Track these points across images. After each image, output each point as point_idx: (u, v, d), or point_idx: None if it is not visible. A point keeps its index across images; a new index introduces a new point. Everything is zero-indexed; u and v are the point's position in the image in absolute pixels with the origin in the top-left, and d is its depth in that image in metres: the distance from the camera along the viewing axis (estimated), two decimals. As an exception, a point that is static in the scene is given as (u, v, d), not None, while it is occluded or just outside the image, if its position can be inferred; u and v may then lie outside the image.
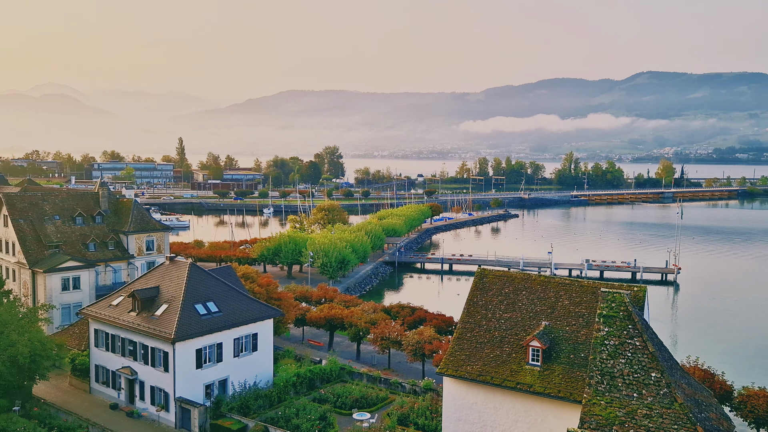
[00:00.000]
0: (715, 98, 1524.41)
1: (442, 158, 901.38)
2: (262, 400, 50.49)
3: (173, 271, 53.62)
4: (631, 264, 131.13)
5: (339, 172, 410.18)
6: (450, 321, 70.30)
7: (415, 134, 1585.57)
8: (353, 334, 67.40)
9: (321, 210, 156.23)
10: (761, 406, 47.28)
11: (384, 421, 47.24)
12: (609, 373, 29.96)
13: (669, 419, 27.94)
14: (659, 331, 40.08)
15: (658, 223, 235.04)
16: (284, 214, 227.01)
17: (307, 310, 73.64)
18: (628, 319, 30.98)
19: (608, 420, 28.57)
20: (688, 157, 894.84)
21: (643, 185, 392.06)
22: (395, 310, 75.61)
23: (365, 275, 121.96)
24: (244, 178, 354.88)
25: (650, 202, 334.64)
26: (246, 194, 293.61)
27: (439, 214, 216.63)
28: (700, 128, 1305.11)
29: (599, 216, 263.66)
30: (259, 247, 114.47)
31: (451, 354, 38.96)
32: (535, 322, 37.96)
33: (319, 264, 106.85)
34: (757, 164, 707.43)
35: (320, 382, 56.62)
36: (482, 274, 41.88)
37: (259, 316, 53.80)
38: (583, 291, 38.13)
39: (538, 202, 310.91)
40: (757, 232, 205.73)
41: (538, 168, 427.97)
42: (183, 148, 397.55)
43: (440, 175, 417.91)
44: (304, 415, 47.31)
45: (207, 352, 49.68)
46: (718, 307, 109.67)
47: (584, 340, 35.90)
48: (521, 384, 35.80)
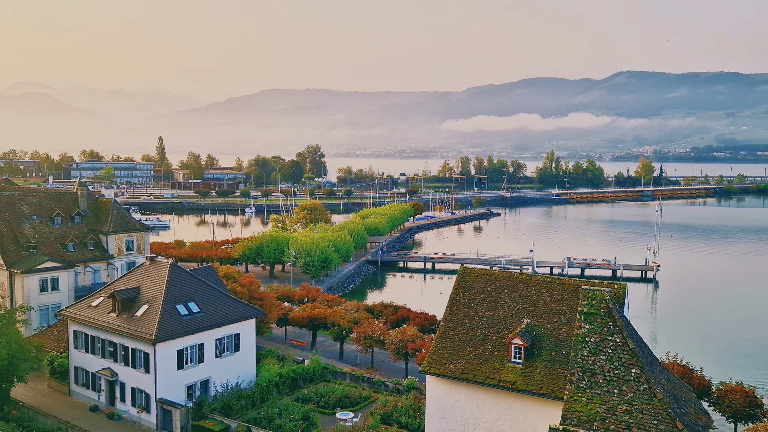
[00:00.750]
0: (693, 97, 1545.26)
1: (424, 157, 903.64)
2: (244, 400, 50.23)
3: (154, 272, 53.12)
4: (611, 262, 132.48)
5: (321, 171, 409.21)
6: (433, 319, 70.47)
7: (397, 133, 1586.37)
8: (336, 333, 67.29)
9: (303, 209, 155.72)
10: (738, 401, 48.02)
11: (367, 420, 47.24)
12: (590, 369, 30.23)
13: (649, 415, 28.26)
14: (639, 327, 40.55)
15: (637, 221, 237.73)
16: (266, 213, 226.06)
17: (290, 310, 73.38)
18: (609, 316, 31.27)
19: (589, 416, 28.83)
20: (666, 156, 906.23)
21: (623, 184, 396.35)
22: (378, 309, 75.59)
23: (348, 274, 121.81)
24: (225, 178, 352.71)
25: (630, 200, 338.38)
26: (227, 194, 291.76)
27: (422, 213, 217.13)
28: (678, 127, 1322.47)
29: (580, 214, 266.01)
30: (241, 246, 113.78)
31: (434, 352, 39.07)
32: (517, 320, 38.19)
33: (301, 263, 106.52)
34: (733, 162, 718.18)
35: (303, 381, 56.45)
36: (465, 273, 42.04)
37: (241, 316, 53.49)
38: (565, 289, 38.43)
39: (520, 200, 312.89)
40: (734, 230, 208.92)
41: (519, 167, 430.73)
42: (163, 147, 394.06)
43: (423, 174, 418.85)
44: (287, 415, 47.14)
45: (188, 352, 49.29)
46: (697, 303, 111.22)
47: (565, 338, 36.19)
48: (503, 381, 36.00)
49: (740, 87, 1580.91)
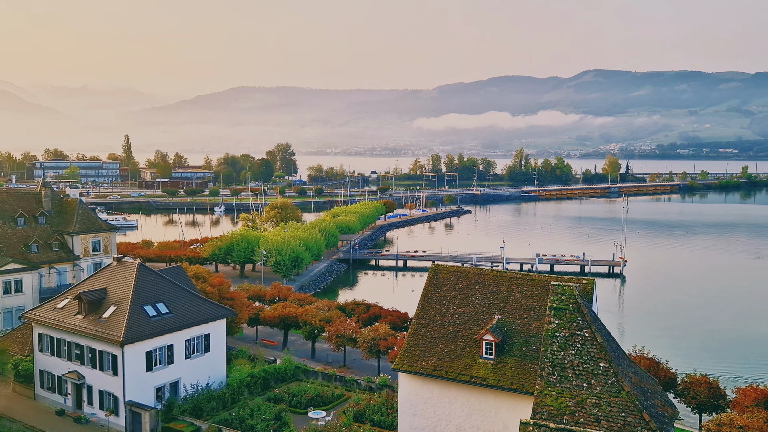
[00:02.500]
0: (658, 96, 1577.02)
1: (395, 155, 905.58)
2: (215, 401, 49.71)
3: (121, 272, 52.24)
4: (579, 257, 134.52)
5: (292, 169, 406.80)
6: (405, 317, 70.67)
7: (368, 131, 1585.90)
8: (308, 332, 67.03)
9: (274, 208, 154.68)
10: (703, 392, 49.22)
11: (340, 419, 47.18)
12: (559, 364, 30.63)
13: (617, 407, 28.76)
14: (607, 321, 41.23)
15: (605, 217, 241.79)
16: (236, 212, 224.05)
17: (261, 310, 72.86)
18: (578, 311, 31.71)
19: (559, 410, 29.22)
20: (632, 153, 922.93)
21: (591, 181, 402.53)
22: (350, 308, 75.55)
23: (319, 273, 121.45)
24: (194, 176, 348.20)
25: (597, 197, 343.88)
26: (196, 193, 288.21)
27: (393, 211, 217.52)
28: (644, 125, 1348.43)
29: (549, 211, 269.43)
30: (211, 246, 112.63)
31: (406, 350, 39.17)
32: (488, 316, 38.51)
33: (272, 262, 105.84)
34: (696, 159, 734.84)
35: (275, 381, 56.11)
36: (436, 270, 42.22)
37: (211, 317, 52.94)
38: (535, 285, 38.88)
39: (490, 197, 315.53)
40: (697, 225, 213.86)
41: (489, 164, 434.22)
42: (130, 145, 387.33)
43: (394, 172, 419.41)
44: (259, 416, 46.80)
45: (157, 354, 48.61)
46: (663, 297, 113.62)
47: (536, 333, 36.62)
48: (475, 377, 36.28)
49: (703, 86, 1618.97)
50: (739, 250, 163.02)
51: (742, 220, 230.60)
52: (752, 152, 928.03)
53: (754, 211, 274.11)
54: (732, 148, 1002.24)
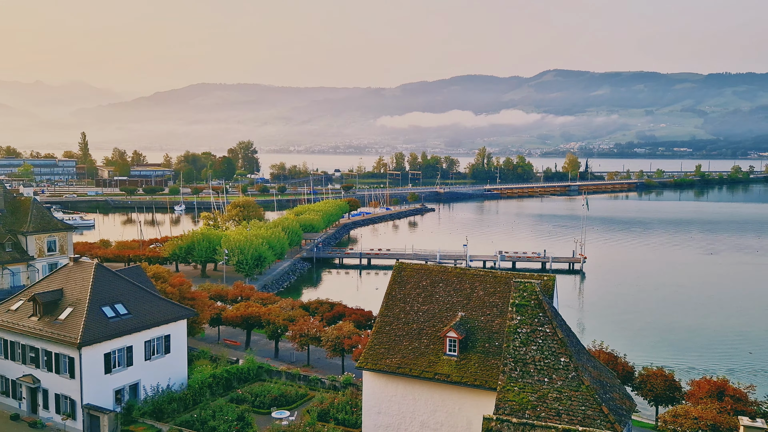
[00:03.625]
0: (616, 96, 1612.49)
1: (359, 153, 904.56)
2: (176, 403, 48.92)
3: (78, 273, 50.95)
4: (540, 254, 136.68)
5: (254, 167, 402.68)
6: (369, 315, 70.73)
7: (331, 129, 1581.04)
8: (271, 331, 66.48)
9: (235, 206, 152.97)
10: (659, 385, 50.55)
11: (304, 418, 46.93)
12: (522, 359, 31.06)
13: (577, 401, 29.32)
14: (567, 317, 42.02)
15: (565, 215, 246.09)
16: (197, 211, 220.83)
17: (223, 309, 71.98)
18: (539, 307, 32.20)
19: (521, 405, 29.63)
20: (591, 152, 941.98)
21: (552, 179, 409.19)
22: (314, 307, 75.25)
23: (283, 272, 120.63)
24: (153, 175, 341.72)
25: (558, 194, 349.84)
26: (155, 191, 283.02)
27: (357, 209, 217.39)
28: (603, 124, 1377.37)
29: (511, 209, 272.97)
30: (171, 245, 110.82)
31: (370, 348, 39.19)
32: (451, 314, 38.80)
33: (234, 262, 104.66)
34: (653, 158, 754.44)
35: (237, 382, 55.51)
36: (400, 268, 42.34)
37: (172, 317, 52.08)
38: (497, 282, 39.33)
39: (454, 196, 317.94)
40: (654, 222, 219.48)
41: (453, 163, 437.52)
42: (86, 143, 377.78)
43: (357, 170, 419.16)
44: (221, 417, 46.27)
45: (116, 356, 47.58)
46: (621, 293, 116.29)
47: (498, 329, 37.05)
48: (439, 374, 36.51)
49: (658, 86, 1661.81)
50: (694, 246, 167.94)
51: (696, 217, 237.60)
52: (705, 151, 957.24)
53: (707, 209, 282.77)
54: (686, 147, 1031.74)
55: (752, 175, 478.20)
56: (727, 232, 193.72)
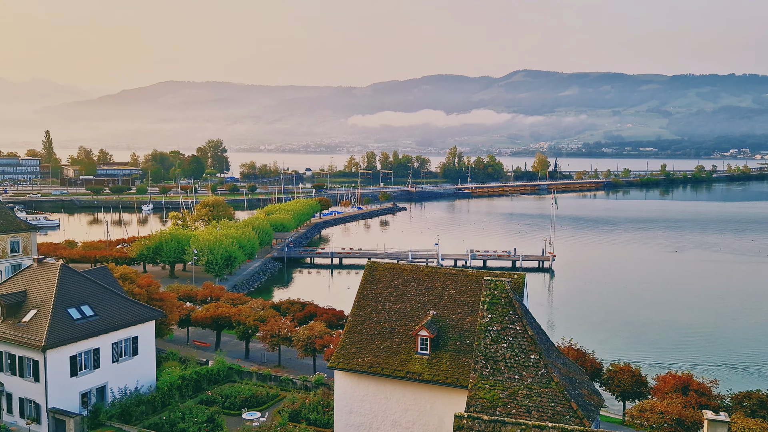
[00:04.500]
0: (584, 96, 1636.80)
1: (330, 152, 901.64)
2: (144, 405, 48.18)
3: (42, 274, 49.81)
4: (511, 253, 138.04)
5: (223, 166, 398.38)
6: (341, 315, 70.60)
7: (302, 128, 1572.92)
8: (241, 332, 65.90)
9: (205, 206, 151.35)
10: (626, 380, 51.49)
11: (275, 419, 46.64)
12: (492, 357, 31.31)
13: (547, 398, 29.68)
14: (537, 315, 42.49)
15: (534, 213, 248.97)
16: (165, 210, 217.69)
17: (192, 310, 71.10)
18: (510, 305, 32.50)
19: (492, 402, 29.87)
20: (560, 151, 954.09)
21: (521, 178, 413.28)
22: (285, 306, 74.83)
23: (253, 272, 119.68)
24: (120, 174, 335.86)
25: (527, 194, 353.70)
26: (123, 190, 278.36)
27: (328, 208, 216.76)
28: (571, 124, 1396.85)
29: (482, 208, 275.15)
30: (138, 245, 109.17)
31: (342, 347, 39.11)
32: (423, 312, 38.92)
33: (203, 262, 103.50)
34: (619, 158, 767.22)
35: (207, 383, 54.90)
36: (372, 267, 42.32)
37: (139, 319, 51.26)
38: (468, 280, 39.56)
39: (425, 195, 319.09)
40: (621, 221, 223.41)
41: (424, 162, 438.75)
42: (51, 141, 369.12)
43: (329, 170, 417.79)
44: (191, 419, 45.72)
45: (82, 358, 46.64)
46: (589, 290, 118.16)
47: (469, 327, 37.28)
48: (411, 373, 36.60)
49: (625, 87, 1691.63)
50: (659, 244, 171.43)
51: (662, 216, 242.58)
52: (670, 151, 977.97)
53: (672, 207, 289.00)
54: (652, 147, 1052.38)
55: (715, 174, 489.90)
56: (691, 230, 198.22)
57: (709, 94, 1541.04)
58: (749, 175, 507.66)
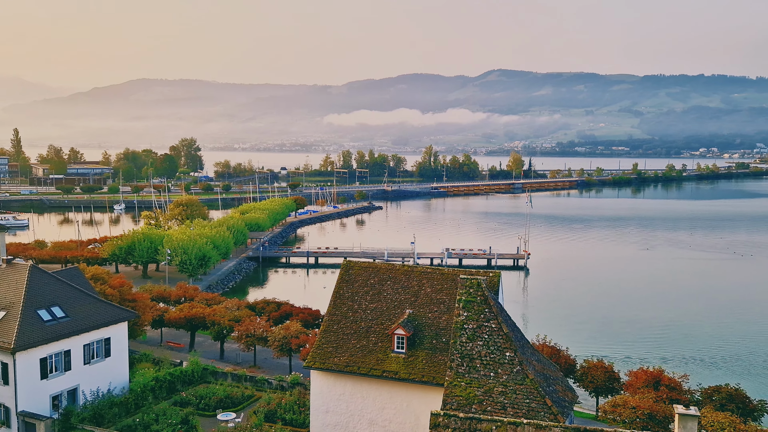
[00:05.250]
0: (557, 96, 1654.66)
1: (305, 151, 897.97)
2: (117, 408, 47.50)
3: (11, 275, 48.77)
4: (486, 251, 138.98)
5: (197, 165, 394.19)
6: (317, 314, 70.38)
7: (277, 127, 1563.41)
8: (216, 332, 65.32)
9: (178, 205, 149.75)
10: (599, 376, 52.21)
11: (250, 420, 46.36)
12: (468, 355, 31.49)
13: (522, 394, 29.96)
14: (512, 312, 42.84)
15: (509, 212, 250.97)
16: (137, 210, 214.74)
17: (166, 311, 70.25)
18: (485, 303, 32.71)
19: (468, 400, 30.05)
20: (535, 151, 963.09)
21: (496, 177, 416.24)
22: (260, 306, 74.40)
23: (228, 272, 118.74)
24: (91, 173, 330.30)
25: (503, 192, 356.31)
26: (94, 190, 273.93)
27: (304, 208, 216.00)
28: (545, 123, 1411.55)
29: (457, 207, 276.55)
30: (110, 245, 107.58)
31: (318, 347, 39.01)
32: (399, 311, 38.99)
33: (177, 262, 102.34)
34: (592, 157, 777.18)
35: (182, 384, 54.32)
36: (348, 266, 42.27)
37: (112, 320, 50.51)
38: (444, 279, 39.73)
39: (401, 194, 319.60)
40: (594, 219, 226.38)
41: (400, 161, 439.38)
42: (19, 139, 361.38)
43: (304, 168, 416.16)
44: (165, 420, 45.21)
45: (53, 360, 45.80)
46: (563, 287, 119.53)
47: (446, 326, 37.45)
48: (387, 372, 36.64)
49: (597, 87, 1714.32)
50: (631, 242, 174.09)
51: (634, 214, 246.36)
52: (641, 150, 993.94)
53: (644, 205, 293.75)
54: (624, 146, 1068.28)
55: (685, 173, 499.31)
56: (662, 228, 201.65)
57: (679, 94, 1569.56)
58: (718, 174, 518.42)
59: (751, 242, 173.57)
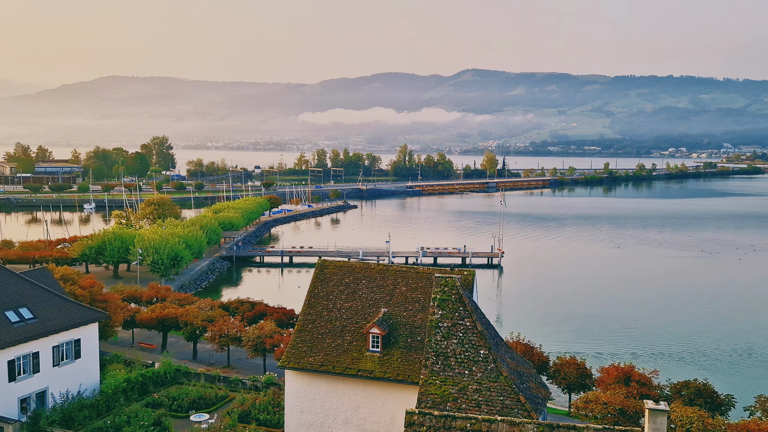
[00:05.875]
0: (530, 96, 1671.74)
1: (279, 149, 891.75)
2: (88, 410, 46.66)
3: (-24, 276, 47.54)
4: (461, 250, 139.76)
5: (169, 164, 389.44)
6: (291, 314, 70.07)
7: (251, 125, 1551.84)
8: (189, 333, 64.60)
9: (150, 204, 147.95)
10: (572, 373, 52.88)
11: (224, 421, 45.92)
12: (443, 353, 31.62)
13: (496, 391, 30.19)
14: (486, 310, 43.13)
15: (483, 211, 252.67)
16: (108, 209, 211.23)
17: (137, 311, 69.26)
18: (459, 301, 32.87)
19: (443, 398, 30.18)
20: (508, 150, 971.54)
21: (471, 176, 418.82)
22: (234, 306, 73.79)
23: (201, 272, 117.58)
24: (60, 171, 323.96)
25: (477, 191, 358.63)
26: (63, 188, 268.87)
27: (278, 207, 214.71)
28: (519, 123, 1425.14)
29: (432, 205, 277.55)
30: (80, 245, 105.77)
31: (293, 346, 38.81)
32: (374, 310, 38.98)
33: (149, 262, 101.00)
34: (565, 156, 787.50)
35: (154, 386, 53.60)
36: (323, 265, 42.12)
37: (82, 321, 49.59)
38: (419, 277, 39.82)
39: (376, 193, 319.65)
40: (567, 218, 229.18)
41: (375, 160, 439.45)
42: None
43: (278, 167, 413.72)
44: (137, 422, 44.55)
45: (21, 362, 44.81)
46: (537, 285, 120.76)
47: (420, 324, 37.55)
48: (362, 371, 36.61)
49: (570, 87, 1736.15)
50: (603, 240, 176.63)
51: (605, 213, 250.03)
52: (613, 150, 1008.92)
53: (615, 204, 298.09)
54: (595, 145, 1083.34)
55: (654, 172, 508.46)
56: (633, 227, 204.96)
57: (649, 94, 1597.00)
58: (686, 173, 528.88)
59: (718, 240, 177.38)
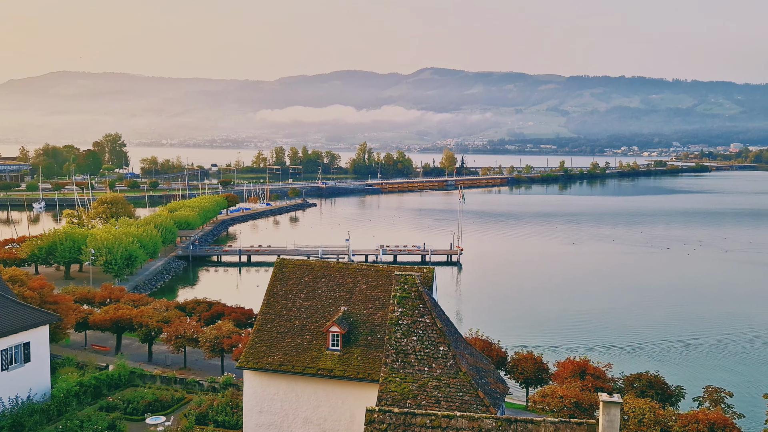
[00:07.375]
0: (488, 95, 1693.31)
1: (237, 147, 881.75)
2: (38, 415, 45.20)
3: None
4: (420, 247, 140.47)
5: (123, 161, 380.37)
6: (250, 313, 69.26)
7: (207, 122, 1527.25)
8: (144, 334, 63.17)
9: (103, 203, 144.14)
10: (529, 367, 53.72)
11: (181, 423, 45.14)
12: (403, 350, 31.72)
13: (455, 388, 30.44)
14: (446, 307, 43.46)
15: (443, 209, 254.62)
16: (58, 208, 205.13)
17: (90, 313, 67.36)
18: (419, 299, 33.02)
19: (403, 395, 30.28)
20: (467, 148, 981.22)
21: (430, 174, 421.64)
22: (190, 306, 72.49)
23: (156, 272, 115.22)
24: (7, 169, 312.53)
25: (436, 189, 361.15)
26: (10, 187, 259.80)
27: (236, 205, 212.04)
28: (477, 122, 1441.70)
29: (392, 203, 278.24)
30: (29, 245, 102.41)
31: (251, 346, 38.38)
32: (334, 308, 38.84)
33: (102, 262, 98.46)
34: (522, 154, 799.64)
35: (108, 389, 52.29)
36: (281, 264, 41.76)
37: (31, 323, 47.96)
38: (379, 275, 39.84)
39: (335, 191, 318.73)
40: (523, 215, 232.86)
41: (334, 157, 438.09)
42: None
43: (236, 165, 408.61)
44: (90, 426, 43.36)
45: (-35, 369, 43.11)
46: (495, 282, 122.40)
47: (381, 322, 37.59)
48: (322, 369, 36.45)
49: (526, 86, 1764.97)
50: (558, 237, 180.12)
51: (561, 210, 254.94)
52: (568, 148, 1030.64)
53: (570, 202, 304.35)
54: (551, 144, 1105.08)
55: (608, 170, 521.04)
56: (587, 224, 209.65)
57: (602, 94, 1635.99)
58: (638, 172, 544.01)
59: (668, 236, 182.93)
